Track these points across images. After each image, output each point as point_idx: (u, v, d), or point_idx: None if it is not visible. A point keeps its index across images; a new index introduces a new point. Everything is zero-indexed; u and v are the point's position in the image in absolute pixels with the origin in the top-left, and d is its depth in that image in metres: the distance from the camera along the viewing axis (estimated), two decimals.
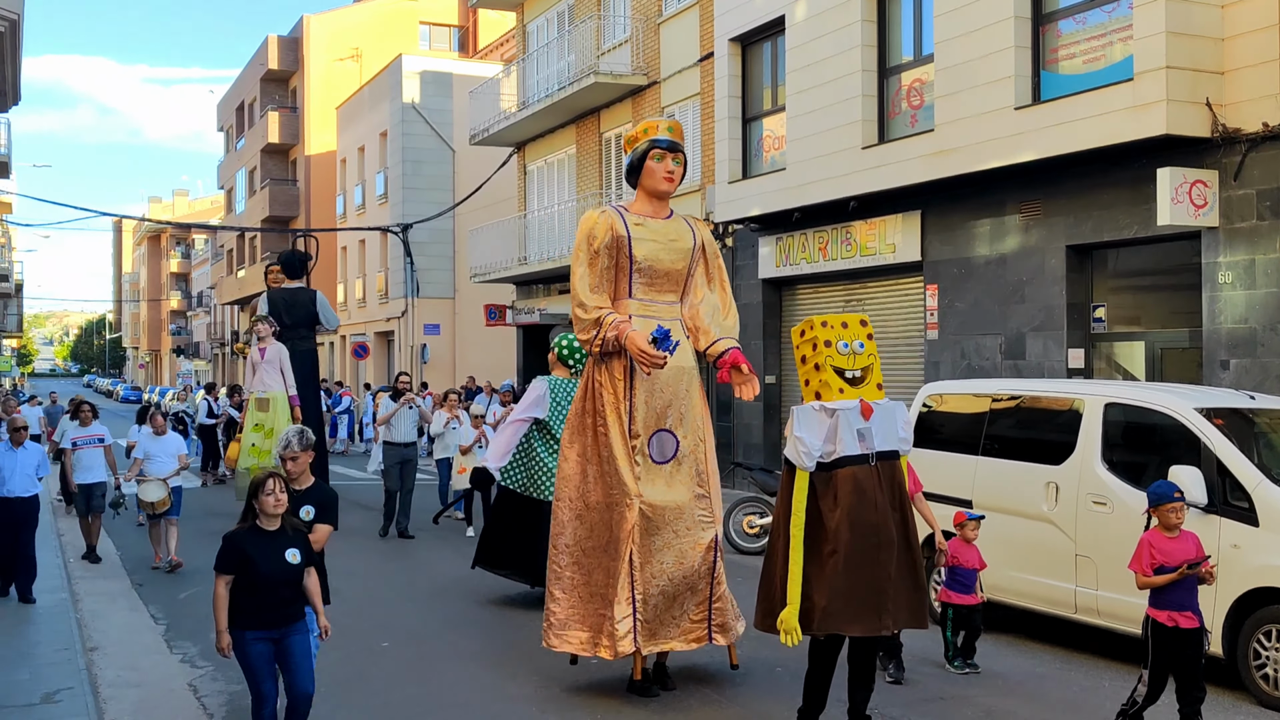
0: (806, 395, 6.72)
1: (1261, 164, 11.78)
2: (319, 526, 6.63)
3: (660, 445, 7.78)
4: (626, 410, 7.74)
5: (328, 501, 6.81)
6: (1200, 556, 6.60)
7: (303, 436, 6.76)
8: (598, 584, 7.76)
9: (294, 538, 6.17)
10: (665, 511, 7.65)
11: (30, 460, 11.41)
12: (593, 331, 7.74)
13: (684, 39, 21.90)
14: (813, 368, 6.67)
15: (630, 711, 7.41)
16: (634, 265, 7.82)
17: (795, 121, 17.55)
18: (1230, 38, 12.04)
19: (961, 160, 14.44)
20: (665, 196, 8.07)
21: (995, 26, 13.92)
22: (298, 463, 6.73)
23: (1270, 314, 11.69)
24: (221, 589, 6.03)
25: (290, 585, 6.12)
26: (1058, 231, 13.94)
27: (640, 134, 8.06)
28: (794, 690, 7.78)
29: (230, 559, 6.06)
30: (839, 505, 6.37)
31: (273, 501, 6.05)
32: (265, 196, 49.62)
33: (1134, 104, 12.17)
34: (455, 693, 7.92)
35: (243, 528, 6.15)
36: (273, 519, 6.10)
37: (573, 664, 8.21)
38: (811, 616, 6.36)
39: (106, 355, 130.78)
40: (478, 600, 11.00)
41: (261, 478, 6.09)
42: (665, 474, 7.75)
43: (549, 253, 26.39)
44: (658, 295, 7.93)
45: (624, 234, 7.78)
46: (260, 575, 6.00)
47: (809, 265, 18.32)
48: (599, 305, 7.75)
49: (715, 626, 7.76)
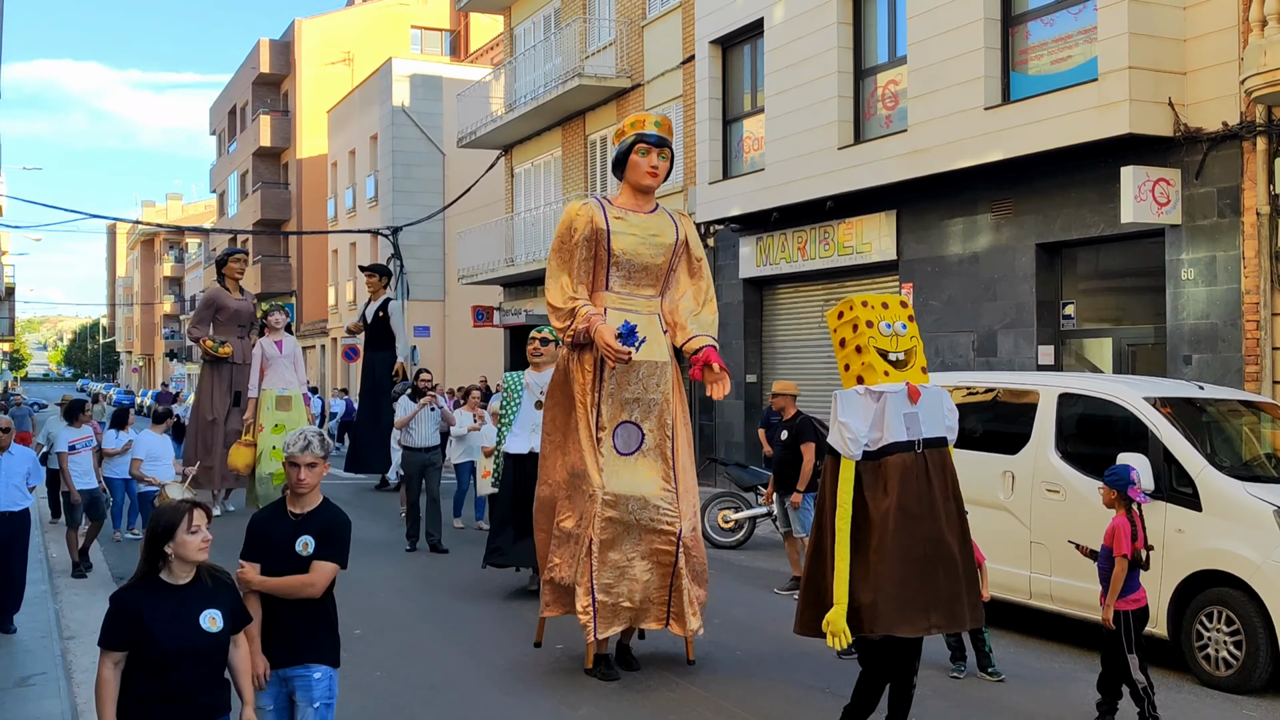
0: (847, 380, 6.29)
1: (1222, 163, 12.00)
2: (318, 566, 5.03)
3: (625, 437, 7.86)
4: (594, 402, 7.84)
5: (335, 530, 5.13)
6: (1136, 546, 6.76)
7: (324, 439, 5.21)
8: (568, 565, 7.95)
9: (215, 592, 4.45)
10: (629, 502, 7.73)
11: (19, 467, 9.62)
12: (567, 321, 7.81)
13: (667, 42, 22.12)
14: (853, 350, 6.25)
15: (590, 692, 7.59)
16: (612, 258, 7.86)
17: (774, 122, 17.77)
18: (1192, 39, 12.26)
19: (934, 160, 14.66)
20: (648, 191, 8.09)
21: (966, 28, 14.15)
22: (315, 472, 5.10)
23: (1230, 310, 11.91)
24: (107, 672, 4.29)
25: (207, 663, 4.40)
26: (1028, 230, 14.17)
27: (628, 127, 8.08)
28: (754, 672, 8.00)
29: (119, 630, 4.29)
30: (888, 496, 6.00)
31: (198, 544, 4.36)
32: (257, 200, 49.79)
33: (1099, 104, 12.40)
34: (426, 677, 8.11)
35: (135, 583, 4.41)
36: (188, 567, 4.39)
37: (537, 646, 8.42)
38: (861, 616, 5.96)
39: (100, 359, 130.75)
40: (454, 591, 11.19)
41: (177, 507, 4.40)
42: (630, 465, 7.82)
43: (536, 254, 26.57)
44: (636, 289, 7.98)
45: (603, 227, 7.81)
46: (162, 651, 4.25)
47: (788, 265, 18.53)
48: (574, 296, 7.81)
49: (673, 614, 7.87)
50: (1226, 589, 7.73)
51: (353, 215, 41.57)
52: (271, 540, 5.06)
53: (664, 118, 8.20)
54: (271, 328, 14.38)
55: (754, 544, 13.94)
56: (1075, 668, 8.37)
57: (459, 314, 35.66)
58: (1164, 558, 7.94)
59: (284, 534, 5.06)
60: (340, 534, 5.14)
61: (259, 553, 5.05)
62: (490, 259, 29.19)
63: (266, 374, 14.10)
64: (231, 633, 4.52)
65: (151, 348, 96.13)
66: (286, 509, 5.14)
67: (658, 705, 7.34)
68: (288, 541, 5.04)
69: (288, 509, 5.13)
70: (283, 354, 14.18)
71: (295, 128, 48.51)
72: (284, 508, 5.15)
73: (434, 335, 37.23)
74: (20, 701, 7.53)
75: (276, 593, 4.98)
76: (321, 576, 5.04)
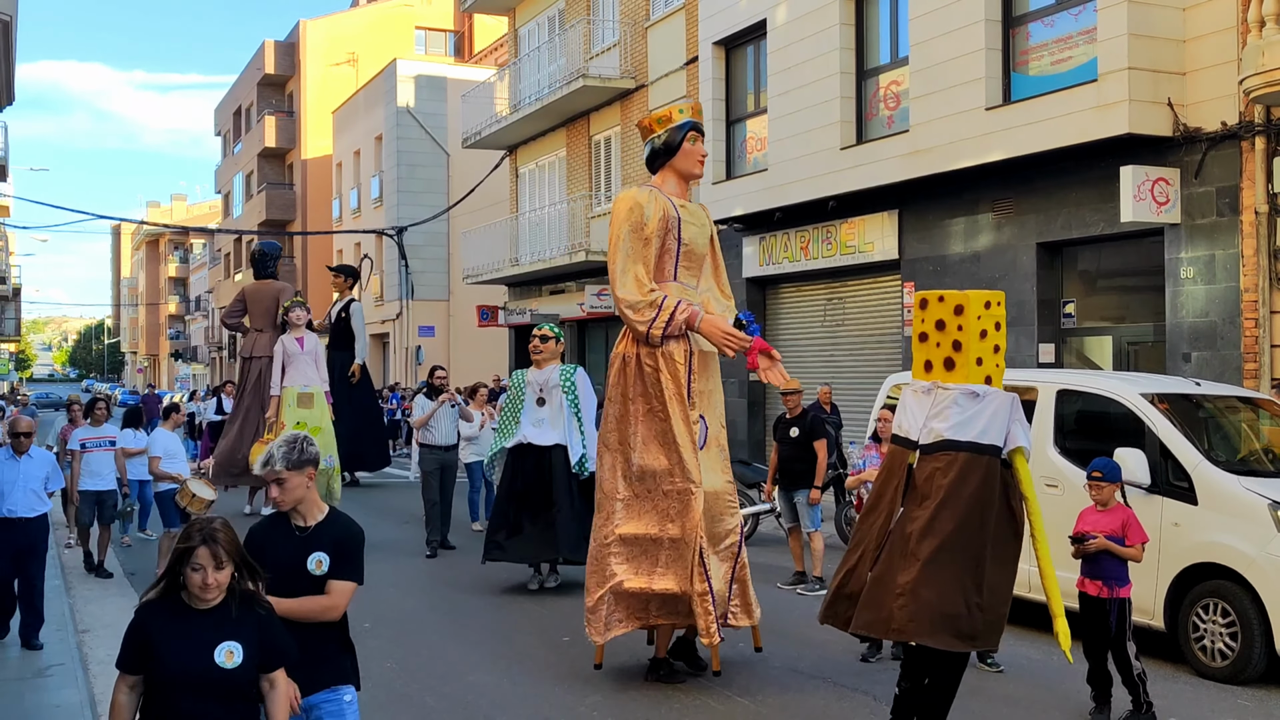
0: (973, 375, 5.94)
1: (1220, 162, 12.13)
2: (336, 586, 4.54)
3: (699, 432, 7.73)
4: (688, 396, 7.58)
5: (350, 544, 4.64)
6: (1114, 533, 6.86)
7: (296, 447, 4.60)
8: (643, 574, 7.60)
9: (239, 623, 3.94)
10: (707, 497, 7.60)
11: (37, 472, 9.14)
12: (651, 314, 7.43)
13: (671, 43, 22.26)
14: (991, 349, 5.98)
15: (598, 682, 7.72)
16: (680, 248, 7.69)
17: (776, 123, 17.91)
18: (1191, 39, 12.39)
19: (936, 160, 14.80)
20: (697, 179, 8.00)
21: (967, 29, 14.28)
22: (288, 486, 4.54)
23: (1229, 308, 12.03)
24: (121, 696, 3.92)
25: (221, 701, 3.90)
26: (1029, 229, 14.30)
27: (675, 114, 7.84)
28: (758, 662, 8.11)
29: (130, 650, 3.91)
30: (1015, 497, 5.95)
31: (198, 583, 3.86)
32: (262, 200, 49.99)
33: (1098, 104, 12.53)
34: (434, 667, 8.25)
35: (157, 598, 3.98)
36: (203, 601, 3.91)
37: (597, 668, 7.93)
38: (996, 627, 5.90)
39: (105, 360, 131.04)
40: (459, 586, 11.33)
41: (186, 544, 3.89)
42: (702, 458, 7.68)
43: (540, 254, 26.73)
44: (690, 278, 7.86)
45: (675, 215, 7.64)
46: (167, 678, 3.84)
47: (791, 264, 18.67)
48: (652, 289, 7.53)
49: (738, 608, 7.69)
50: (1222, 581, 7.84)
51: (357, 216, 41.74)
52: (276, 557, 4.47)
53: (698, 104, 8.13)
54: (293, 324, 14.26)
55: (757, 540, 14.07)
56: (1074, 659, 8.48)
57: (464, 314, 35.82)
58: (1160, 551, 8.07)
59: (291, 549, 4.52)
60: (356, 548, 4.64)
61: (269, 569, 4.36)
62: (495, 259, 29.35)
63: (288, 371, 13.99)
64: (262, 670, 3.97)
65: (156, 348, 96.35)
66: (290, 521, 4.60)
67: (662, 693, 7.47)
68: (296, 558, 4.51)
69: (291, 521, 4.60)
70: (304, 351, 14.09)
71: (300, 128, 48.70)
72: (285, 520, 4.61)
73: (439, 335, 37.39)
74: (39, 691, 7.69)
75: (292, 617, 4.38)
76: (342, 598, 4.54)
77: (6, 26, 10.71)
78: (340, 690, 4.61)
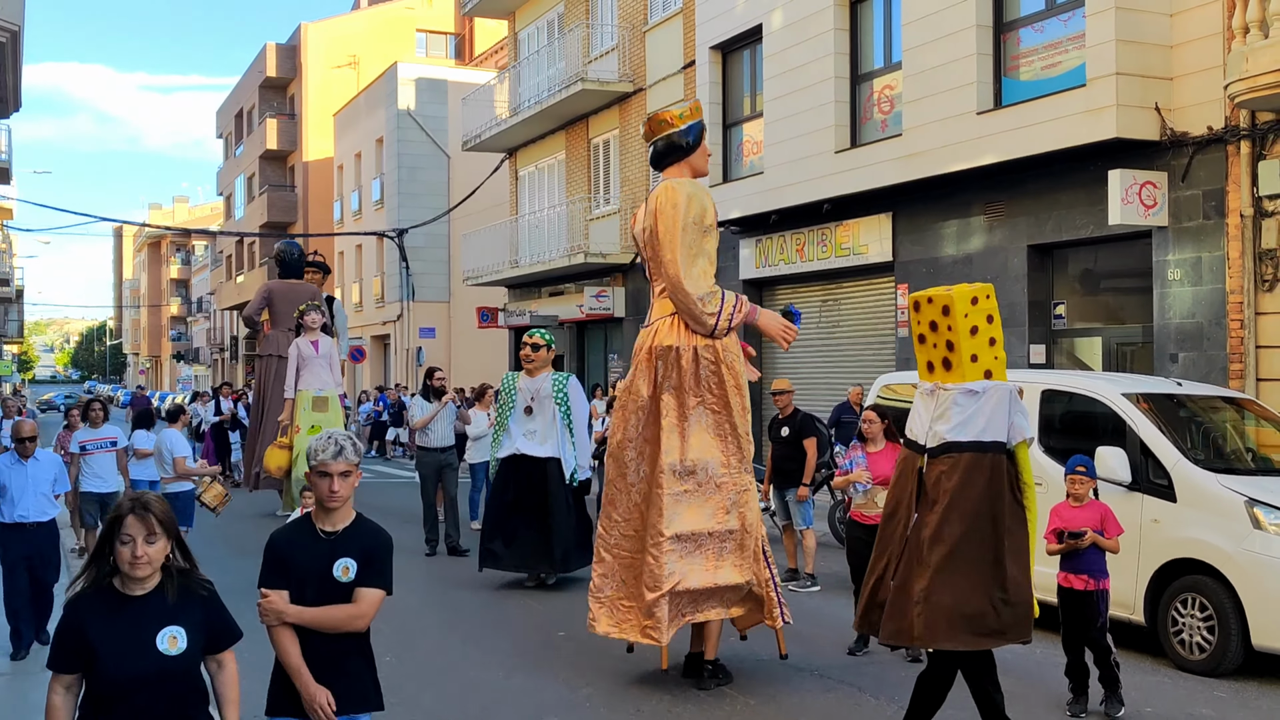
0: (971, 372, 5.95)
1: (1207, 166, 12.32)
2: (364, 594, 4.28)
3: None
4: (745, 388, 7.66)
5: (379, 551, 4.40)
6: (1095, 527, 6.96)
7: (356, 444, 4.42)
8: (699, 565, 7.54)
9: (179, 606, 3.70)
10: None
11: (45, 474, 9.02)
12: (717, 306, 7.48)
13: (668, 47, 22.47)
14: (986, 342, 5.96)
15: (591, 674, 7.91)
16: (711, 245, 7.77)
17: (772, 127, 18.10)
18: (1178, 45, 12.58)
19: (928, 163, 14.98)
20: (705, 177, 8.12)
21: (959, 34, 14.47)
22: (348, 481, 4.33)
23: (1215, 309, 12.22)
24: (56, 698, 3.63)
25: (168, 691, 3.65)
26: (1020, 231, 14.49)
27: (690, 112, 7.87)
28: (747, 655, 8.29)
29: (64, 648, 3.64)
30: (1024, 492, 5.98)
31: (127, 558, 3.60)
32: (264, 202, 50.20)
33: (1087, 109, 12.72)
34: (432, 661, 8.44)
35: (87, 589, 3.69)
36: (137, 582, 3.65)
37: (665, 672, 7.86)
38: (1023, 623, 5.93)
39: (107, 361, 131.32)
40: (458, 584, 11.52)
41: (115, 513, 3.68)
42: None
43: (540, 256, 26.93)
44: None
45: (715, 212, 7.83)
46: (110, 677, 3.58)
47: (787, 266, 18.86)
48: (714, 283, 7.62)
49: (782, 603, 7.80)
50: (1200, 577, 8.03)
51: (359, 218, 41.95)
52: (301, 563, 4.27)
53: (698, 103, 8.22)
54: (308, 327, 14.14)
55: None
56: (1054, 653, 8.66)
57: (464, 315, 36.02)
58: (1140, 547, 8.26)
59: (316, 556, 4.27)
60: (385, 555, 4.40)
61: (284, 578, 4.25)
62: (495, 261, 29.54)
63: (303, 374, 13.90)
64: (207, 652, 3.77)
65: (158, 349, 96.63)
66: (314, 526, 4.35)
67: (652, 685, 7.66)
68: (322, 565, 4.26)
69: (316, 526, 4.34)
70: (319, 354, 14.01)
71: (301, 131, 48.93)
72: (309, 524, 4.37)
73: (439, 336, 37.58)
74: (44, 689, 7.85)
75: (316, 626, 4.19)
76: (370, 607, 4.27)
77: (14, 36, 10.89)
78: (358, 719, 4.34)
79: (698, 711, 7.13)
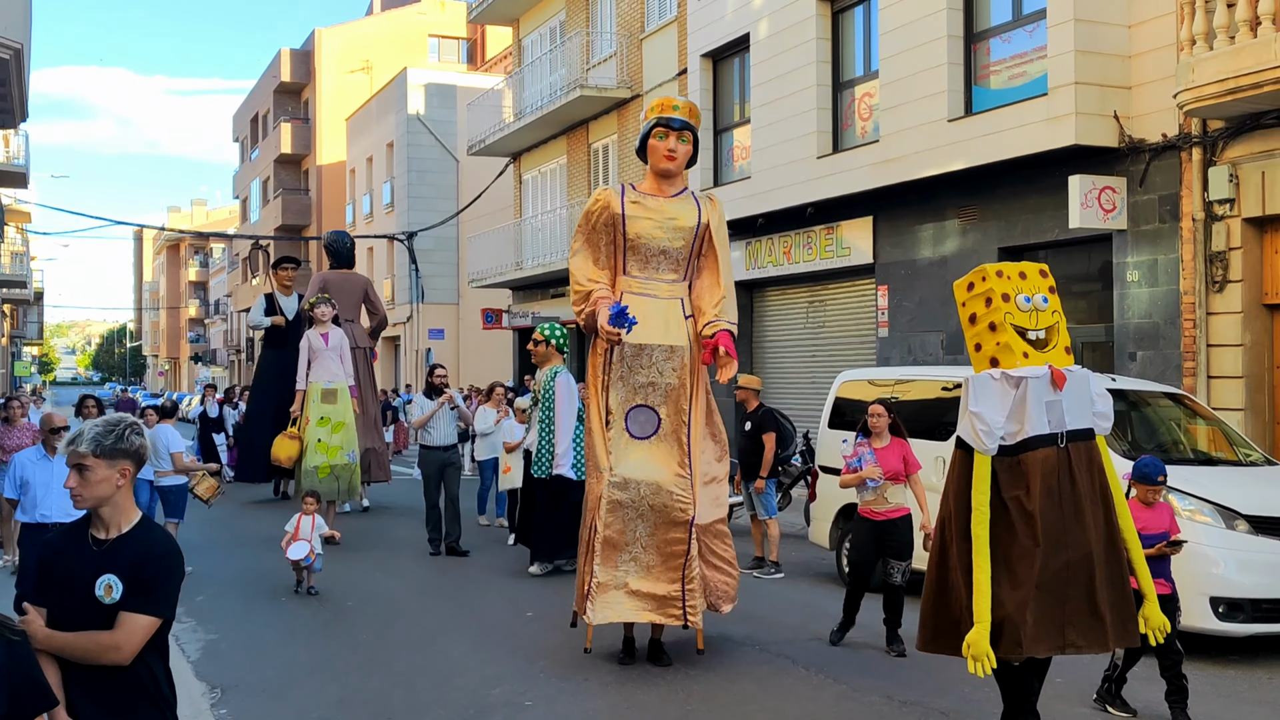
0: (978, 363, 5.67)
1: (1163, 171, 12.82)
2: (126, 620, 3.49)
3: (639, 421, 7.85)
4: (604, 385, 7.90)
5: (152, 567, 3.58)
6: (1175, 531, 6.69)
7: (114, 431, 3.63)
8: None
9: None
10: (640, 486, 7.72)
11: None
12: (582, 305, 7.94)
13: (664, 54, 23.04)
14: (986, 328, 5.57)
15: (552, 650, 8.48)
16: (628, 243, 7.92)
17: (759, 132, 18.65)
18: (1136, 55, 13.08)
19: (903, 169, 15.51)
20: (668, 175, 8.05)
21: (931, 44, 15.00)
22: (89, 479, 3.59)
23: (1170, 309, 12.72)
24: None
25: None
26: (991, 235, 15.01)
27: (649, 112, 8.12)
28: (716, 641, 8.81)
29: None
30: (1031, 497, 5.42)
31: None
32: (278, 206, 50.99)
33: (1048, 117, 13.23)
34: (406, 636, 9.03)
35: None
36: None
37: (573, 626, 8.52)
38: (1004, 635, 5.39)
39: (127, 363, 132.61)
40: (449, 574, 12.12)
41: None
42: (645, 449, 7.79)
43: (543, 259, 27.53)
44: (656, 274, 7.98)
45: (618, 211, 7.90)
46: None
47: (775, 268, 19.40)
48: (592, 280, 7.89)
49: (688, 607, 7.80)
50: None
51: (370, 221, 42.65)
52: (64, 576, 3.56)
53: (689, 102, 8.16)
54: (318, 320, 14.37)
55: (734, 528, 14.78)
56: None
57: (472, 316, 36.65)
58: None
59: (80, 566, 3.54)
60: (160, 573, 3.56)
61: (47, 593, 3.54)
62: (500, 263, 30.17)
63: (313, 366, 14.17)
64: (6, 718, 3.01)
65: (177, 351, 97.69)
66: (88, 530, 3.64)
67: (606, 660, 8.20)
68: (85, 578, 3.51)
69: (90, 531, 3.63)
70: (329, 347, 14.22)
71: (315, 135, 49.69)
72: (85, 529, 3.66)
73: (448, 337, 38.24)
74: None
75: (64, 655, 3.47)
76: (128, 637, 3.45)
77: (18, 54, 11.48)
78: None
79: (645, 681, 7.66)
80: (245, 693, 7.49)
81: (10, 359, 60.50)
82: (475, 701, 7.17)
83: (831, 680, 7.70)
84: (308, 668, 8.16)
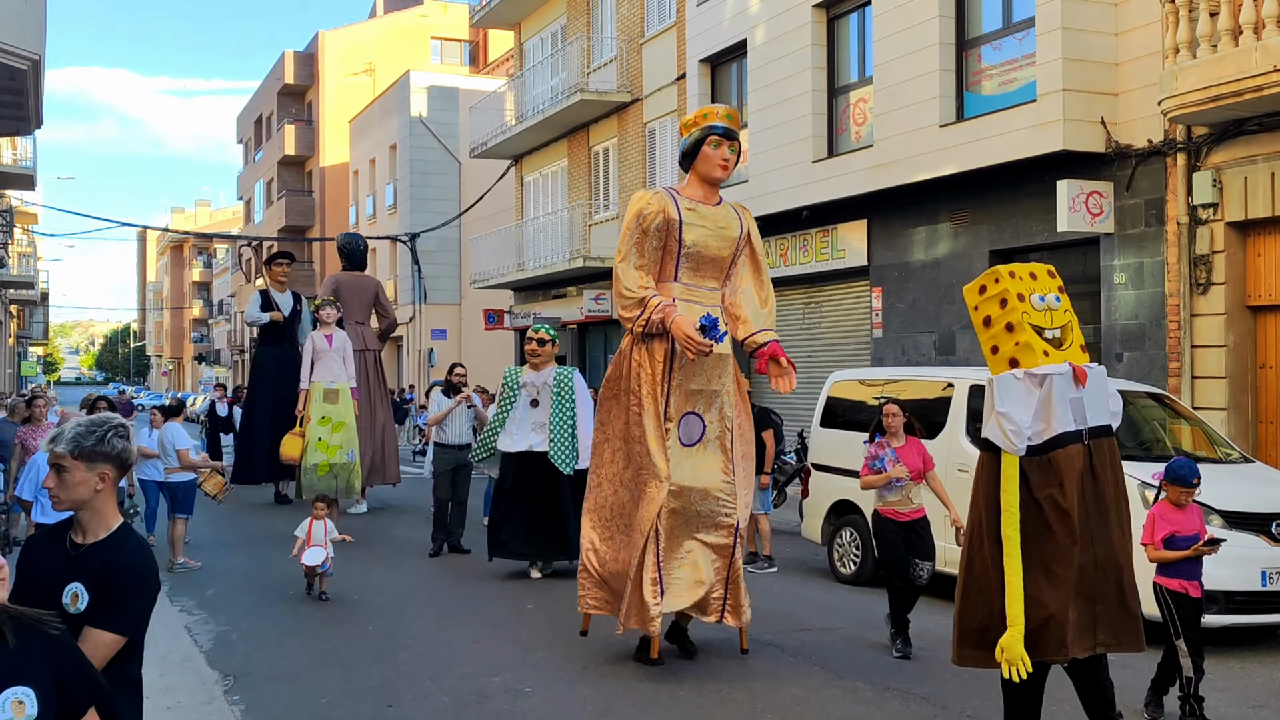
0: (996, 365, 5.64)
1: (1148, 176, 13.13)
2: (90, 636, 3.27)
3: (688, 428, 7.94)
4: (664, 393, 7.87)
5: (116, 578, 3.36)
6: (1205, 532, 6.80)
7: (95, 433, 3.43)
8: (623, 556, 8.04)
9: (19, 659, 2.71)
10: (691, 493, 7.86)
11: None
12: (636, 311, 7.78)
13: (663, 59, 23.36)
14: (1003, 329, 5.55)
15: (545, 636, 8.79)
16: (682, 249, 7.89)
17: (756, 136, 18.96)
18: (1123, 63, 13.39)
19: (897, 173, 15.83)
20: (718, 183, 8.11)
21: (924, 51, 15.31)
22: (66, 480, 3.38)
23: (1156, 311, 13.03)
24: None
25: None
26: (982, 238, 15.31)
27: (699, 119, 8.08)
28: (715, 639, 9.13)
29: None
30: (1067, 494, 5.36)
31: None
32: (282, 207, 51.37)
33: (1036, 123, 13.54)
34: (409, 629, 9.34)
35: None
36: None
37: (583, 635, 8.56)
38: (1042, 638, 5.31)
39: (131, 363, 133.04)
40: (454, 571, 12.43)
41: None
42: (692, 456, 7.91)
43: (544, 260, 27.85)
44: (701, 281, 8.03)
45: (675, 217, 7.85)
46: None
47: (772, 270, 19.51)
48: (644, 286, 7.81)
49: (729, 607, 7.95)
50: None
51: (373, 222, 42.99)
52: (39, 575, 3.43)
53: (733, 110, 8.24)
54: (323, 321, 14.51)
55: None
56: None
57: (474, 317, 36.98)
58: None
59: (53, 570, 3.40)
60: (127, 586, 3.35)
61: (24, 591, 3.36)
62: (501, 264, 30.50)
63: (316, 367, 14.32)
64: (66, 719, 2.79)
65: (181, 351, 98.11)
66: (68, 534, 3.47)
67: (599, 646, 8.51)
68: (56, 583, 3.36)
69: (69, 535, 3.47)
70: (332, 348, 14.35)
71: (318, 137, 50.07)
72: (64, 532, 3.49)
73: (450, 338, 38.59)
74: None
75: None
76: (94, 652, 3.21)
77: (36, 65, 11.76)
78: None
79: (639, 670, 7.97)
80: (257, 681, 7.80)
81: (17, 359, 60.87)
82: (476, 689, 7.47)
83: (818, 668, 8.01)
84: (316, 658, 8.46)
